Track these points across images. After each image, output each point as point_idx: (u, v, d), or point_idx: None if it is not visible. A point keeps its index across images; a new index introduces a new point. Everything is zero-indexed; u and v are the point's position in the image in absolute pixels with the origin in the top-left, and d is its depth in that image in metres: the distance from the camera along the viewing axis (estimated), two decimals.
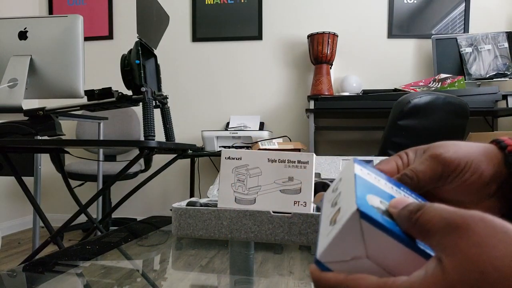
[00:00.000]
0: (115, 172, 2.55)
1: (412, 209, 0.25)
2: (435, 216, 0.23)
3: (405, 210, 0.25)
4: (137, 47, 1.36)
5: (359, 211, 0.25)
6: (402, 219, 0.25)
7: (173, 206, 0.72)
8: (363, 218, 0.25)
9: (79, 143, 2.02)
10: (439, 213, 0.23)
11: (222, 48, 3.03)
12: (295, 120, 2.94)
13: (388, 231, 0.25)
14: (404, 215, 0.25)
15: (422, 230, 0.24)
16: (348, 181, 0.30)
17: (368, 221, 0.25)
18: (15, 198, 2.98)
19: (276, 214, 0.67)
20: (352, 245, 0.25)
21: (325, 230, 0.28)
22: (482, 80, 2.53)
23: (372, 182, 0.30)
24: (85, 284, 0.57)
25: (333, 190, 0.32)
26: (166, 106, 1.53)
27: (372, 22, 2.86)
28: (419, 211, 0.24)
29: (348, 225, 0.25)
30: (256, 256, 0.71)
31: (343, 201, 0.28)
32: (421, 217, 0.24)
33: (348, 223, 0.25)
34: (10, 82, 1.32)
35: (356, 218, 0.25)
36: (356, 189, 0.27)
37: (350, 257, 0.25)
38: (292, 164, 0.68)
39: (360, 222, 0.25)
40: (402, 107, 1.58)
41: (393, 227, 0.25)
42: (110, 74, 3.04)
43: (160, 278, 0.61)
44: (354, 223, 0.25)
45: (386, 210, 0.27)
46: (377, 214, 0.25)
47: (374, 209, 0.26)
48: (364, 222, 0.25)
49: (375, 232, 0.25)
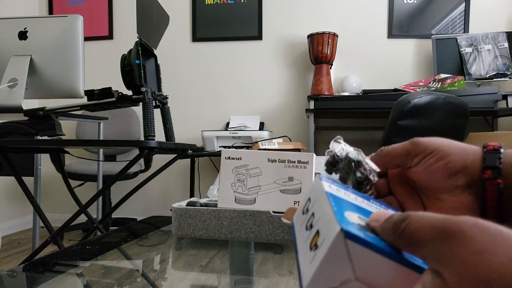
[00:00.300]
0: (115, 172, 2.55)
1: (396, 220, 0.24)
2: (424, 225, 0.22)
3: (388, 222, 0.24)
4: (137, 47, 1.36)
5: (343, 231, 0.23)
6: (386, 232, 0.24)
7: (173, 206, 0.72)
8: (348, 238, 0.23)
9: (79, 143, 2.02)
10: (428, 221, 0.22)
11: (222, 48, 3.03)
12: (295, 120, 2.94)
13: (375, 248, 0.23)
14: (388, 227, 0.24)
15: (410, 241, 0.22)
16: (319, 200, 0.28)
17: (353, 240, 0.23)
18: (15, 198, 2.98)
19: (276, 214, 0.67)
20: (340, 269, 0.24)
21: (306, 257, 0.26)
22: (482, 80, 2.53)
23: (344, 198, 0.28)
24: (85, 284, 0.57)
25: (303, 212, 0.30)
26: (166, 106, 1.53)
27: (372, 22, 2.86)
28: (404, 222, 0.23)
29: (333, 247, 0.23)
30: (256, 256, 0.71)
31: (320, 222, 0.26)
32: (408, 227, 0.22)
33: (333, 245, 0.23)
34: (10, 82, 1.32)
35: (341, 239, 0.23)
36: (333, 208, 0.25)
37: (339, 282, 0.24)
38: (292, 164, 0.68)
39: (345, 243, 0.23)
40: (402, 107, 1.58)
41: (379, 243, 0.24)
42: (110, 74, 3.04)
43: (160, 278, 0.61)
44: (339, 244, 0.23)
45: (367, 225, 0.25)
46: (360, 231, 0.24)
47: (356, 226, 0.24)
48: (349, 242, 0.23)
49: (362, 251, 0.23)
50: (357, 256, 0.23)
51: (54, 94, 1.38)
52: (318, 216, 0.27)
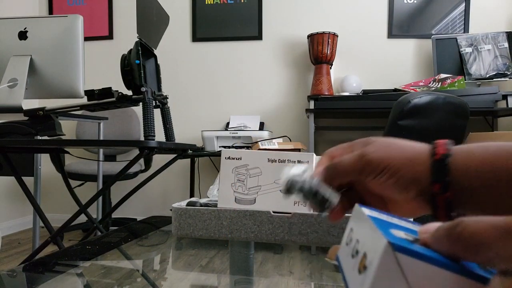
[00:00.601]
0: (115, 172, 2.55)
1: (449, 227, 0.22)
2: (484, 226, 0.21)
3: (440, 230, 0.23)
4: (137, 47, 1.36)
5: (390, 243, 0.22)
6: (440, 240, 0.23)
7: (173, 206, 0.72)
8: (397, 250, 0.22)
9: (79, 143, 2.02)
10: (488, 222, 0.21)
11: (222, 48, 3.03)
12: (295, 120, 2.94)
13: (428, 259, 0.22)
14: (442, 234, 0.23)
15: (470, 244, 0.21)
16: (362, 225, 0.28)
17: (403, 252, 0.22)
18: (15, 198, 2.98)
19: (276, 214, 0.67)
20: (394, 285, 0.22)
21: (356, 283, 0.25)
22: (482, 80, 2.53)
23: (387, 220, 0.28)
24: (85, 284, 0.57)
25: (347, 243, 0.30)
26: (166, 106, 1.53)
27: (372, 22, 2.86)
28: (459, 226, 0.22)
29: (383, 262, 0.22)
30: (256, 256, 0.71)
31: (366, 245, 0.25)
32: (465, 230, 0.22)
33: (383, 260, 0.22)
34: (10, 82, 1.32)
35: (390, 252, 0.22)
36: (377, 227, 0.25)
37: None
38: (292, 164, 0.68)
39: (395, 256, 0.22)
40: (402, 107, 1.58)
41: (432, 254, 0.22)
42: (110, 74, 3.03)
43: (160, 278, 0.61)
44: (389, 258, 0.22)
45: (415, 240, 0.24)
46: (409, 243, 0.23)
47: (404, 240, 0.23)
48: (399, 254, 0.22)
49: (414, 263, 0.22)
50: (410, 269, 0.22)
51: (54, 94, 1.38)
52: (363, 240, 0.26)
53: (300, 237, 0.66)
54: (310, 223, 0.66)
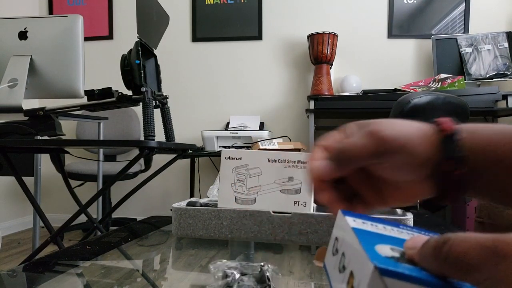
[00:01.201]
0: (115, 172, 2.55)
1: (435, 245, 0.22)
2: (471, 246, 0.20)
3: (427, 248, 0.22)
4: (137, 47, 1.36)
5: (377, 268, 0.21)
6: (426, 259, 0.22)
7: (173, 206, 0.72)
8: (384, 274, 0.21)
9: (79, 143, 2.02)
10: (475, 242, 0.20)
11: (222, 48, 3.03)
12: (295, 120, 2.94)
13: (416, 280, 0.21)
14: (428, 253, 0.22)
15: (458, 266, 0.20)
16: (347, 238, 0.27)
17: (390, 276, 0.21)
18: (15, 198, 2.98)
19: (276, 214, 0.67)
20: None
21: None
22: (482, 80, 2.53)
23: (372, 231, 0.27)
24: (85, 284, 0.57)
25: (333, 253, 0.29)
26: (166, 106, 1.53)
27: (372, 22, 2.86)
28: (446, 244, 0.21)
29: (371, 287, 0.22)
30: (256, 256, 0.71)
31: (352, 262, 0.25)
32: (452, 250, 0.21)
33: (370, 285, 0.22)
34: (10, 82, 1.32)
35: (377, 277, 0.22)
36: (362, 245, 0.24)
37: None
38: (292, 164, 0.68)
39: (382, 281, 0.21)
40: (402, 107, 1.58)
41: (419, 274, 0.22)
42: (110, 74, 3.03)
43: (160, 278, 0.61)
44: (376, 284, 0.22)
45: (402, 255, 0.24)
46: (396, 264, 0.22)
47: (390, 260, 0.23)
48: (386, 279, 0.21)
49: (402, 285, 0.21)
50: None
51: (54, 94, 1.38)
52: (349, 256, 0.26)
53: (300, 237, 0.66)
54: (310, 223, 0.66)
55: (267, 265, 0.44)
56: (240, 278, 0.39)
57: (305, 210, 0.66)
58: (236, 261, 0.44)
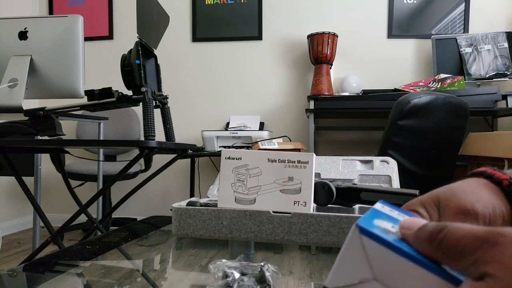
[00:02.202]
0: (115, 172, 2.55)
1: (432, 230, 0.23)
2: (465, 235, 0.21)
3: (423, 231, 0.23)
4: (137, 47, 1.36)
5: (358, 226, 0.23)
6: (420, 241, 0.23)
7: (173, 206, 0.72)
8: (363, 233, 0.23)
9: (79, 143, 2.02)
10: (469, 232, 0.21)
11: (222, 48, 3.04)
12: (295, 120, 2.94)
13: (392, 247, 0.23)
14: (423, 236, 0.23)
15: (450, 252, 0.22)
16: None
17: (369, 236, 0.23)
18: (15, 198, 2.98)
19: (276, 214, 0.67)
20: (358, 266, 0.23)
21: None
22: (482, 80, 2.53)
23: (385, 212, 0.28)
24: (85, 284, 0.57)
25: None
26: (166, 106, 1.53)
27: (372, 22, 2.86)
28: (442, 232, 0.22)
29: (350, 243, 0.23)
30: (256, 256, 0.71)
31: None
32: (446, 238, 0.22)
33: (350, 240, 0.23)
34: (10, 82, 1.32)
35: (356, 235, 0.23)
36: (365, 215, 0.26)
37: (358, 280, 0.24)
38: (292, 164, 0.68)
39: (360, 239, 0.23)
40: (402, 107, 1.58)
41: (400, 244, 0.23)
42: (110, 74, 3.04)
43: (160, 278, 0.61)
44: (355, 240, 0.23)
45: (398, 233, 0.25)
46: (380, 231, 0.23)
47: (379, 228, 0.24)
48: (365, 238, 0.23)
49: (378, 248, 0.23)
50: (373, 253, 0.23)
51: (54, 94, 1.38)
52: None
53: (300, 237, 0.66)
54: (310, 223, 0.66)
55: (267, 265, 0.44)
56: (240, 278, 0.39)
57: (305, 210, 0.66)
58: (236, 261, 0.45)
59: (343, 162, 0.94)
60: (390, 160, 0.93)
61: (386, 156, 0.95)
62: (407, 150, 1.60)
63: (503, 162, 1.68)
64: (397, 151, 1.59)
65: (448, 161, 1.76)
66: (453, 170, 1.78)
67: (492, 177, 0.32)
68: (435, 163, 1.68)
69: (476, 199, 0.30)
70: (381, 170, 0.91)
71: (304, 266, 0.65)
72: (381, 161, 0.93)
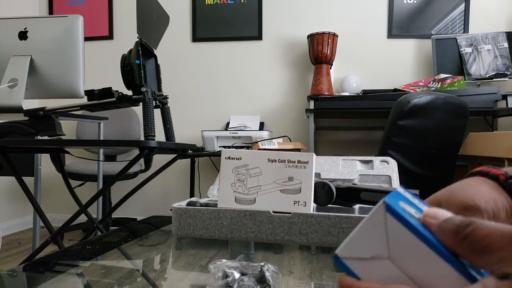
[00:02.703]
0: (115, 172, 2.55)
1: (459, 224, 0.23)
2: (494, 232, 0.21)
3: (449, 223, 0.23)
4: (137, 47, 1.36)
5: (385, 203, 0.23)
6: (445, 232, 0.23)
7: (173, 206, 0.72)
8: (390, 212, 0.23)
9: (79, 143, 2.02)
10: (498, 229, 0.21)
11: (222, 48, 3.03)
12: (295, 120, 2.94)
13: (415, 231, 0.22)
14: (449, 228, 0.23)
15: (476, 247, 0.22)
16: None
17: (395, 216, 0.23)
18: (15, 198, 2.98)
19: (276, 214, 0.67)
20: (375, 241, 0.23)
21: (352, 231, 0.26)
22: (482, 80, 2.53)
23: (407, 198, 0.28)
24: (85, 284, 0.57)
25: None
26: (166, 106, 1.53)
27: (372, 22, 2.86)
28: (469, 227, 0.22)
29: (373, 217, 0.23)
30: (256, 256, 0.71)
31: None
32: (474, 233, 0.22)
33: (374, 215, 0.23)
34: (10, 82, 1.32)
35: (382, 211, 0.23)
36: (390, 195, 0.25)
37: (370, 255, 0.23)
38: (292, 164, 0.68)
39: (385, 216, 0.23)
40: (402, 107, 1.58)
41: (424, 230, 0.23)
42: (110, 74, 3.04)
43: (160, 278, 0.61)
44: (379, 216, 0.23)
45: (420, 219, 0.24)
46: (407, 214, 0.23)
47: (405, 211, 0.23)
48: (390, 217, 0.23)
49: (400, 229, 0.23)
50: (396, 234, 0.23)
51: (54, 94, 1.38)
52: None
53: (300, 237, 0.66)
54: (310, 223, 0.66)
55: (267, 265, 0.44)
56: (240, 278, 0.39)
57: (305, 210, 0.66)
58: (236, 261, 0.44)
59: (343, 162, 0.94)
60: (390, 160, 0.93)
61: (386, 156, 0.95)
62: (407, 150, 1.60)
63: (503, 162, 1.68)
64: (397, 151, 1.59)
65: (448, 161, 1.76)
66: (453, 170, 1.78)
67: (488, 174, 0.33)
68: (435, 163, 1.68)
69: (475, 194, 0.31)
70: (381, 170, 0.91)
71: (304, 266, 0.65)
72: (381, 161, 0.93)
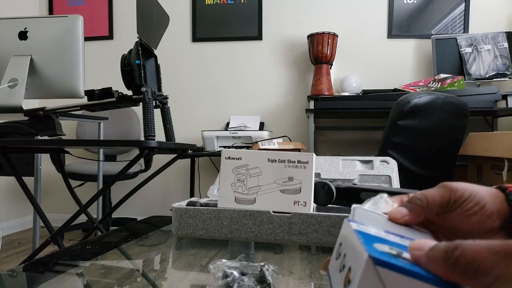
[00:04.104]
0: (115, 172, 2.55)
1: (446, 249, 0.22)
2: (481, 251, 0.21)
3: (436, 251, 0.22)
4: (137, 47, 1.36)
5: (371, 257, 0.22)
6: (434, 261, 0.22)
7: (173, 206, 0.72)
8: (378, 264, 0.22)
9: (79, 143, 2.02)
10: (485, 247, 0.21)
11: (222, 48, 3.03)
12: (295, 120, 2.94)
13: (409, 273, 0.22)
14: (437, 256, 0.22)
15: (469, 270, 0.21)
16: (349, 240, 0.28)
17: (384, 266, 0.22)
18: (15, 198, 2.98)
19: (276, 214, 0.67)
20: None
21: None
22: (482, 80, 2.53)
23: (374, 235, 0.27)
24: (85, 284, 0.57)
25: (336, 257, 0.30)
26: (166, 106, 1.53)
27: (372, 22, 2.86)
28: (457, 250, 0.21)
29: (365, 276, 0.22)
30: (256, 256, 0.71)
31: (351, 259, 0.25)
32: (463, 255, 0.21)
33: (364, 274, 0.22)
34: (10, 82, 1.32)
35: (371, 267, 0.22)
36: (361, 242, 0.24)
37: None
38: (292, 164, 0.68)
39: (376, 270, 0.22)
40: (402, 107, 1.58)
41: (413, 268, 0.22)
42: (110, 74, 3.04)
43: (160, 278, 0.61)
44: (370, 273, 0.22)
45: (398, 254, 0.24)
46: (391, 258, 0.22)
47: (386, 254, 0.23)
48: (380, 269, 0.22)
49: (396, 277, 0.22)
50: (392, 284, 0.22)
51: (54, 94, 1.38)
52: (348, 255, 0.26)
53: (300, 237, 0.66)
54: (310, 223, 0.66)
55: (267, 265, 0.44)
56: (240, 278, 0.39)
57: (305, 210, 0.66)
58: (236, 261, 0.44)
59: (343, 162, 0.94)
60: (390, 160, 0.93)
61: (386, 156, 0.95)
62: (407, 150, 1.60)
63: (503, 162, 1.68)
64: (397, 151, 1.59)
65: (448, 161, 1.76)
66: (453, 170, 1.78)
67: (501, 187, 0.35)
68: (435, 163, 1.68)
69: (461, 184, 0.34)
70: (381, 170, 0.91)
71: (304, 266, 0.65)
72: (381, 161, 0.93)
